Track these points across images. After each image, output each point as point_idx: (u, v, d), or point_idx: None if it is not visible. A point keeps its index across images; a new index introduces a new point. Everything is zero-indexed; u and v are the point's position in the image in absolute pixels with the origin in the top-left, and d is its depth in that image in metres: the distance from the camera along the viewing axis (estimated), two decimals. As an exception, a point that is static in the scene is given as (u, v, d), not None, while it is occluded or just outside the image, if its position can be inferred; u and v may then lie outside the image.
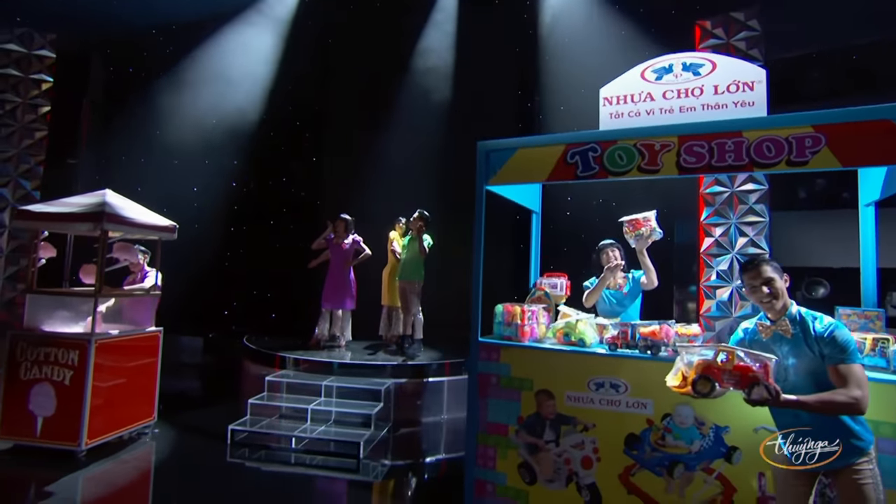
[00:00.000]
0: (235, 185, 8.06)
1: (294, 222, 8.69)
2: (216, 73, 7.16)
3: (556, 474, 3.00)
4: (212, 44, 7.04)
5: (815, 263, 4.31)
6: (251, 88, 7.50)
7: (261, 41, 7.48)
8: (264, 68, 7.55)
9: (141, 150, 6.79)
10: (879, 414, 2.19)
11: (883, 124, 2.44)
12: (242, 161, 7.70)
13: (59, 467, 3.67)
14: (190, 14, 6.62)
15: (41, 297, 4.11)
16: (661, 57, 2.99)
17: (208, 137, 7.35)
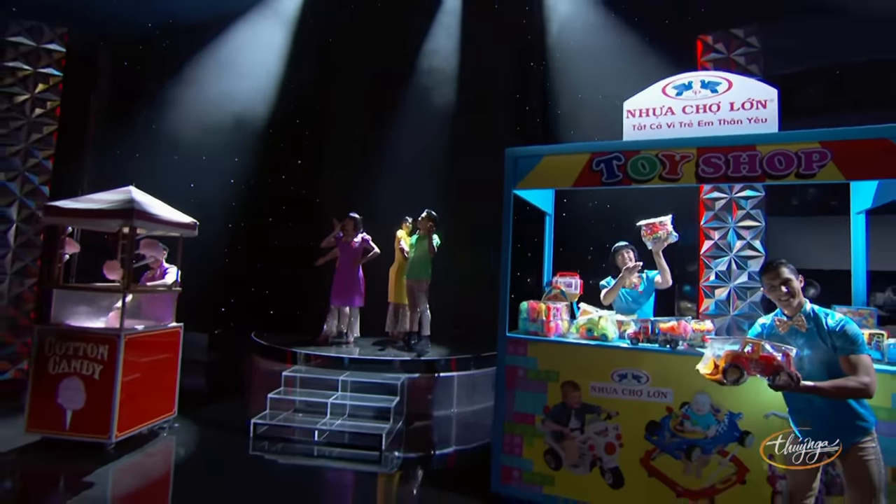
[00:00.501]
0: (233, 182, 8.07)
1: (294, 220, 8.76)
2: (222, 71, 7.19)
3: (581, 459, 3.24)
4: (218, 42, 7.08)
5: (808, 266, 4.65)
6: (256, 87, 7.55)
7: (266, 40, 7.54)
8: (269, 67, 7.62)
9: (146, 145, 6.79)
10: (875, 400, 2.45)
11: (882, 143, 2.73)
12: (248, 158, 7.74)
13: (91, 459, 3.74)
14: (197, 13, 6.65)
15: (67, 292, 4.15)
16: (682, 74, 3.25)
17: (212, 135, 7.38)
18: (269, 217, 8.62)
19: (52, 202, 4.04)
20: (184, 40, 6.71)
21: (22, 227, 5.71)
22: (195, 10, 6.59)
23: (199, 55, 6.95)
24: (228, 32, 7.11)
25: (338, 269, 6.46)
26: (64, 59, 5.91)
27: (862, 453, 2.25)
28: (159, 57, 6.64)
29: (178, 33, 6.53)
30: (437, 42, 8.42)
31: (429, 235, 6.02)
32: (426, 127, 7.99)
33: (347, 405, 4.85)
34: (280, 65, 7.73)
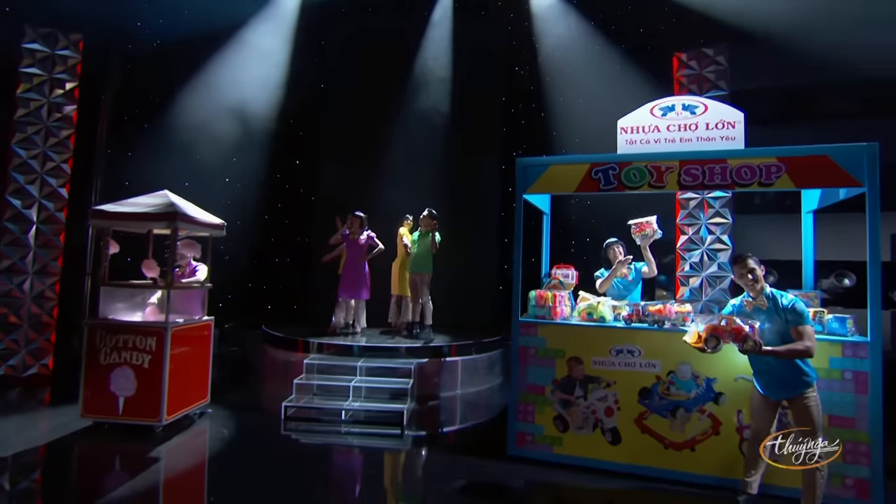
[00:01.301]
0: (236, 184, 8.34)
1: (293, 218, 9.12)
2: (227, 77, 7.48)
3: (585, 422, 3.85)
4: (223, 49, 7.37)
5: (767, 257, 5.39)
6: (261, 93, 7.86)
7: (268, 47, 7.85)
8: (272, 73, 7.94)
9: (156, 148, 7.04)
10: (816, 362, 3.12)
11: (823, 159, 3.42)
12: (251, 159, 8.05)
13: (145, 440, 4.12)
14: (203, 22, 6.91)
15: (111, 289, 4.49)
16: (666, 98, 3.87)
17: (219, 137, 7.67)
18: (266, 215, 8.95)
19: (97, 206, 4.36)
20: (190, 48, 6.97)
21: (42, 227, 5.93)
22: (201, 20, 6.86)
23: (205, 62, 7.22)
24: (233, 40, 7.39)
25: (345, 265, 6.87)
26: (79, 65, 6.11)
27: (806, 401, 2.92)
28: (168, 63, 6.88)
29: (186, 41, 6.79)
30: (430, 47, 8.86)
31: (432, 232, 6.51)
32: (422, 129, 8.45)
33: (364, 387, 5.32)
34: (282, 72, 8.07)
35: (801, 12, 4.88)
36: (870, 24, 4.65)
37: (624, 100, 6.76)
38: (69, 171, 6.06)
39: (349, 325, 6.89)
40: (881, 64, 4.60)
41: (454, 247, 7.55)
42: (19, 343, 5.80)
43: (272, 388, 6.03)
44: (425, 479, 3.87)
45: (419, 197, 7.41)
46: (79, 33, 6.09)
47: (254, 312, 8.50)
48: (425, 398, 5.75)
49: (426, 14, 8.93)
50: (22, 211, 5.85)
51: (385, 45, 8.46)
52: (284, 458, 4.14)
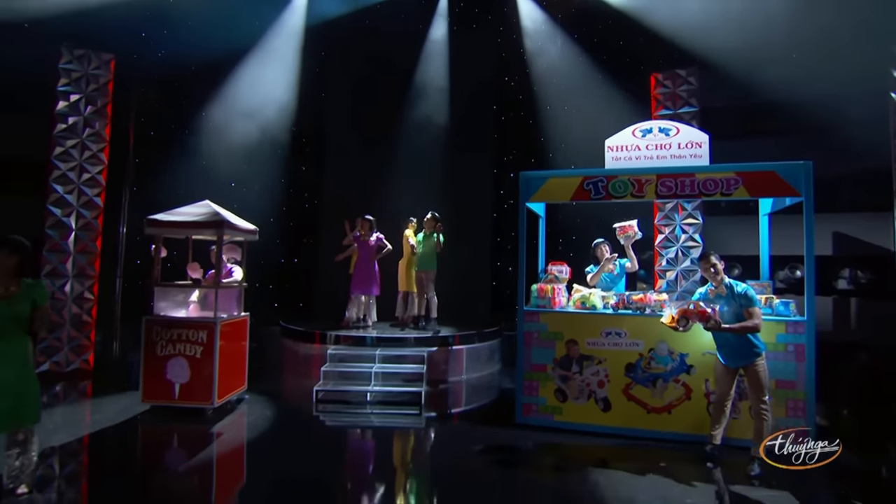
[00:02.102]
0: (241, 188, 8.87)
1: (298, 222, 9.68)
2: (242, 92, 8.05)
3: (581, 393, 4.60)
4: (240, 67, 7.95)
5: (732, 252, 6.22)
6: (271, 105, 8.42)
7: (278, 66, 8.44)
8: (282, 88, 8.52)
9: (180, 159, 7.58)
10: (765, 338, 3.90)
11: (771, 174, 4.21)
12: (264, 168, 8.60)
13: (199, 421, 4.73)
14: (221, 43, 7.45)
15: (164, 289, 5.07)
16: (645, 122, 4.62)
17: (232, 148, 8.21)
18: (271, 218, 9.50)
19: (152, 216, 4.92)
20: (209, 68, 7.51)
21: (80, 234, 6.43)
22: (218, 43, 7.38)
23: (221, 80, 7.77)
24: (246, 60, 7.97)
25: (357, 264, 7.49)
26: (110, 84, 6.61)
27: (757, 368, 3.71)
28: (189, 82, 7.40)
29: (204, 63, 7.33)
30: (428, 60, 9.51)
31: (437, 233, 7.16)
32: (422, 136, 9.10)
33: (382, 373, 5.97)
34: (290, 87, 8.64)
35: (755, 42, 5.71)
36: (811, 55, 5.53)
37: (606, 111, 7.63)
38: (103, 182, 6.57)
39: (361, 319, 7.52)
40: (821, 88, 5.47)
41: (451, 245, 8.22)
42: (62, 341, 6.31)
43: (294, 377, 6.66)
44: (451, 443, 4.58)
45: (420, 200, 8.05)
46: (110, 54, 6.59)
47: (264, 310, 9.05)
48: (435, 382, 6.42)
49: (423, 28, 9.58)
50: (62, 219, 6.35)
51: (386, 58, 9.07)
52: (321, 434, 4.81)
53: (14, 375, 3.08)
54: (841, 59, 5.52)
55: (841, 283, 6.17)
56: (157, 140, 7.41)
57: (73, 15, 6.19)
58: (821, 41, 5.40)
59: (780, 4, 5.71)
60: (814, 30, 5.66)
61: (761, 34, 5.74)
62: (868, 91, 5.62)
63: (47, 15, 5.97)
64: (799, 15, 5.60)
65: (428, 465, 4.27)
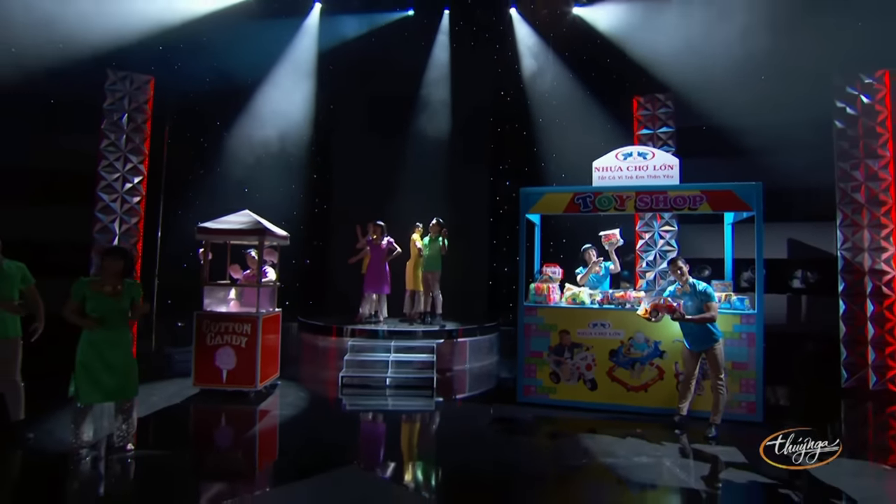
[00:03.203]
0: (247, 191, 9.55)
1: (308, 225, 10.40)
2: (260, 110, 8.82)
3: (572, 375, 5.45)
4: (258, 87, 8.74)
5: (703, 255, 7.14)
6: (287, 123, 9.18)
7: (294, 85, 9.21)
8: (297, 107, 9.28)
9: (210, 170, 8.31)
10: (723, 327, 4.79)
11: (729, 192, 5.11)
12: (282, 178, 9.33)
13: (244, 402, 5.47)
14: (247, 63, 8.21)
15: (211, 287, 5.82)
16: (626, 147, 5.49)
17: (252, 158, 8.95)
18: (283, 221, 10.22)
19: (202, 224, 5.66)
20: (235, 88, 8.27)
21: (122, 237, 7.13)
22: (241, 67, 8.16)
23: (245, 99, 8.53)
24: (266, 80, 8.75)
25: (369, 265, 8.25)
26: (149, 102, 7.32)
27: (715, 351, 4.58)
28: (217, 100, 8.11)
29: (232, 83, 8.08)
30: (430, 76, 10.31)
31: (442, 238, 7.95)
32: (426, 148, 9.90)
33: (397, 361, 6.76)
34: (308, 104, 9.41)
35: (720, 71, 6.64)
36: (768, 86, 6.48)
37: (593, 126, 8.50)
38: (143, 191, 7.28)
39: (373, 315, 8.30)
40: (778, 114, 6.41)
41: (452, 248, 9.02)
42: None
43: (314, 367, 7.42)
44: (464, 417, 5.41)
45: (424, 206, 8.81)
46: (149, 76, 7.29)
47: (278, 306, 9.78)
48: (442, 371, 7.22)
49: (427, 46, 10.38)
50: (107, 224, 7.05)
51: (392, 74, 9.85)
52: (349, 412, 5.60)
53: (122, 358, 3.84)
54: (793, 90, 6.45)
55: (794, 283, 7.13)
56: (188, 152, 8.13)
57: (117, 41, 6.90)
58: (778, 74, 6.37)
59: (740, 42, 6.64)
60: (770, 65, 6.61)
61: (724, 65, 6.66)
62: (816, 118, 6.56)
63: (96, 42, 6.66)
64: (756, 54, 6.53)
65: (446, 433, 5.09)
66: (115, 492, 3.54)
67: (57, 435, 4.26)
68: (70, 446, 3.88)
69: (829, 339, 6.52)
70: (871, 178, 6.38)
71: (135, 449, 3.91)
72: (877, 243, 6.33)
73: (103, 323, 3.78)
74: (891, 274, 6.25)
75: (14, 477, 3.77)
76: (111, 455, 3.87)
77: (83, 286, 3.81)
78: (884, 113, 6.36)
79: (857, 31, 6.14)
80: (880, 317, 6.21)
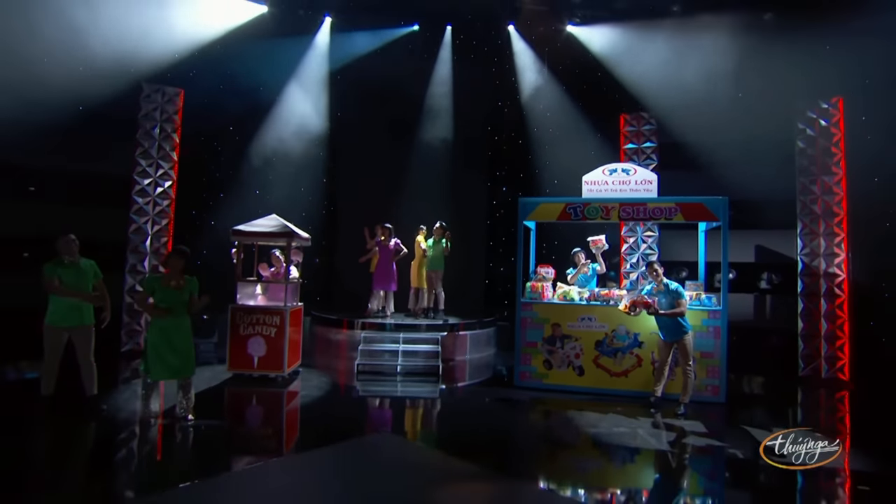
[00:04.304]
0: (258, 193, 10.19)
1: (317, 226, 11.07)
2: (276, 119, 9.51)
3: (562, 363, 6.23)
4: (280, 99, 9.44)
5: (681, 258, 7.97)
6: (300, 132, 9.85)
7: (308, 99, 9.91)
8: (311, 117, 9.97)
9: (232, 173, 8.99)
10: (692, 321, 5.60)
11: (699, 205, 5.92)
12: (299, 183, 10.00)
13: (273, 386, 6.18)
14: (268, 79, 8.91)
15: (243, 284, 6.52)
16: (612, 164, 6.28)
17: (268, 163, 9.63)
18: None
19: (235, 227, 6.36)
20: (255, 100, 8.95)
21: (154, 238, 7.79)
22: (262, 82, 8.85)
23: (265, 110, 9.24)
24: (282, 95, 9.48)
25: (378, 264, 8.95)
26: (179, 113, 7.98)
27: (685, 341, 5.38)
28: (239, 112, 8.78)
29: (252, 97, 8.77)
30: (434, 88, 11.03)
31: (446, 240, 8.69)
32: (428, 156, 10.63)
33: (406, 351, 7.50)
34: (320, 112, 10.10)
35: (697, 94, 7.47)
36: (741, 105, 7.34)
37: (583, 139, 9.29)
38: (173, 195, 7.93)
39: (381, 310, 9.02)
40: (748, 133, 7.26)
41: (451, 248, 9.76)
42: (141, 325, 7.66)
43: (328, 356, 8.13)
44: (468, 399, 6.18)
45: (426, 210, 9.53)
46: (179, 88, 7.96)
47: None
48: (445, 360, 7.97)
49: (429, 58, 11.09)
50: (141, 225, 7.70)
51: (397, 86, 10.53)
52: (367, 395, 6.33)
53: (184, 341, 4.55)
54: (762, 112, 7.29)
55: (761, 284, 7.97)
56: (213, 159, 8.80)
57: (151, 58, 7.58)
58: (749, 97, 7.24)
59: (715, 68, 7.48)
60: (742, 89, 7.45)
61: (701, 88, 7.48)
62: (781, 137, 7.42)
63: (132, 57, 7.32)
64: (730, 79, 7.37)
65: (455, 409, 5.85)
66: (178, 452, 4.26)
67: (124, 407, 4.97)
68: (140, 415, 4.59)
69: (789, 334, 7.38)
70: (826, 192, 7.25)
71: (194, 419, 4.62)
72: (830, 249, 7.19)
73: (169, 311, 4.49)
74: (841, 276, 7.12)
75: (92, 441, 4.47)
76: (175, 423, 4.58)
77: (153, 281, 4.53)
78: (838, 135, 7.23)
79: (817, 61, 6.97)
80: (832, 314, 7.07)
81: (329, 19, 10.44)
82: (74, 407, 4.68)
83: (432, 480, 3.70)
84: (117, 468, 3.89)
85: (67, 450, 4.12)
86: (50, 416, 4.56)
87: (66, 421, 4.57)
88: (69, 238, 4.68)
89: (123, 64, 7.25)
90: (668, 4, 8.24)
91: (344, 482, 3.60)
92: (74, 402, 4.69)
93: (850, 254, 7.15)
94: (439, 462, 4.11)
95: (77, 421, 4.60)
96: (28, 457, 4.00)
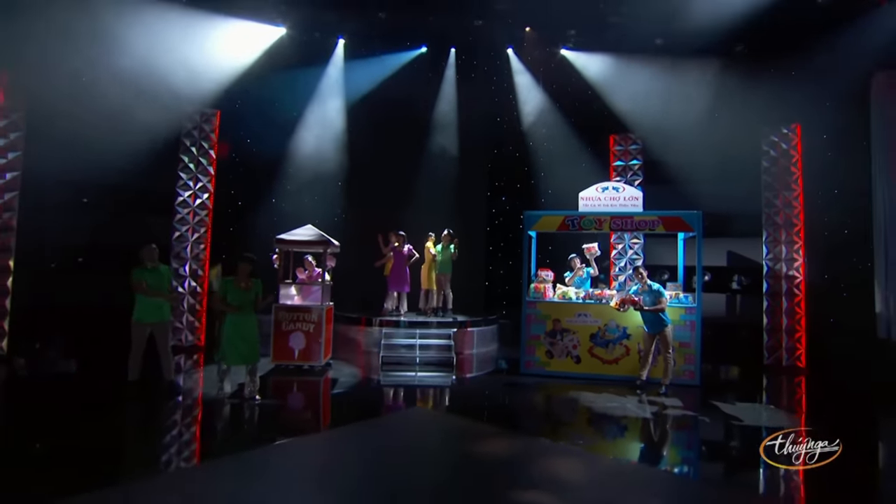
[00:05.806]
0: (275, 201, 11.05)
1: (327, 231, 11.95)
2: (300, 136, 10.43)
3: (562, 353, 7.25)
4: (302, 118, 10.36)
5: (664, 262, 9.08)
6: (317, 145, 10.76)
7: (326, 122, 10.84)
8: (327, 133, 10.89)
9: (259, 184, 9.87)
10: (672, 317, 6.65)
11: (678, 218, 7.00)
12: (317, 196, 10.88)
13: (312, 375, 7.09)
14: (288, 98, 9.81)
15: (284, 285, 7.42)
16: (604, 182, 7.34)
17: (293, 176, 10.52)
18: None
19: (279, 236, 7.26)
20: (280, 120, 9.86)
21: (194, 245, 8.65)
22: (287, 102, 9.74)
23: (288, 132, 10.17)
24: (305, 115, 10.39)
25: (392, 268, 9.83)
26: (216, 131, 8.86)
27: (665, 333, 6.43)
28: (267, 130, 9.67)
29: (279, 118, 9.67)
30: (440, 105, 11.99)
31: (453, 246, 9.64)
32: (434, 167, 11.59)
33: (423, 345, 8.45)
34: (335, 129, 11.03)
35: (677, 118, 8.57)
36: (715, 128, 8.46)
37: (575, 154, 10.33)
38: (210, 206, 8.80)
39: (395, 309, 9.94)
40: (721, 152, 8.38)
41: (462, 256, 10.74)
42: (183, 324, 8.50)
43: (351, 351, 9.04)
44: (481, 384, 7.16)
45: (432, 218, 10.41)
46: (216, 109, 8.83)
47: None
48: (456, 353, 8.95)
49: (433, 77, 12.04)
50: (183, 233, 8.56)
51: (406, 103, 11.47)
52: (393, 382, 7.27)
53: (251, 333, 5.47)
54: (733, 135, 8.42)
55: (732, 285, 9.11)
56: (247, 175, 9.71)
57: (192, 83, 8.45)
58: (723, 122, 8.36)
59: (692, 95, 8.59)
60: (716, 115, 8.57)
61: (680, 112, 8.59)
62: (749, 157, 8.55)
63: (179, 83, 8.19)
64: (705, 105, 8.48)
65: (468, 392, 6.82)
66: (248, 426, 5.16)
67: (196, 389, 5.86)
68: (215, 395, 5.50)
69: (755, 328, 8.51)
70: (786, 206, 8.40)
71: (261, 398, 5.53)
72: (790, 255, 8.34)
73: (240, 308, 5.40)
74: (799, 278, 8.27)
75: (172, 418, 5.35)
76: (244, 402, 5.49)
77: (227, 283, 5.44)
78: (795, 156, 8.39)
79: (780, 92, 8.11)
80: (791, 311, 8.21)
81: (342, 41, 11.37)
82: (156, 390, 5.56)
83: (462, 438, 4.68)
84: (204, 435, 4.80)
85: (159, 423, 5.01)
86: (138, 397, 5.44)
87: (152, 402, 5.46)
88: (151, 247, 5.58)
89: (172, 89, 8.12)
90: (651, 38, 9.34)
91: (388, 446, 4.53)
92: (156, 385, 5.57)
93: (807, 259, 8.30)
94: (466, 426, 5.08)
95: (162, 401, 5.48)
96: (125, 431, 4.89)
